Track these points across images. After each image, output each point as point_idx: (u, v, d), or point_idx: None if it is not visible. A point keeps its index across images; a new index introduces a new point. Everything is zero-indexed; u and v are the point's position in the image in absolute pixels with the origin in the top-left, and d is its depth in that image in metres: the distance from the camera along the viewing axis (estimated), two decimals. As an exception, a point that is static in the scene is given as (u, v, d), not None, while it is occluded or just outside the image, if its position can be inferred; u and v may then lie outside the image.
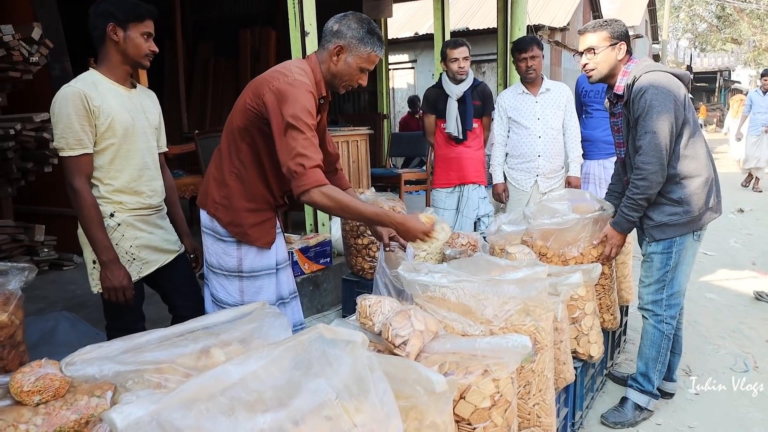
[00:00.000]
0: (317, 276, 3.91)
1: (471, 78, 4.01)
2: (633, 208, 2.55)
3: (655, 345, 2.70)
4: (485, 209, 4.13)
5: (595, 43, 2.58)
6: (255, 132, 2.10)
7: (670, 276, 2.63)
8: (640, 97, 2.45)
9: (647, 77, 2.48)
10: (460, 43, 3.91)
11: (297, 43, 3.89)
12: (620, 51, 2.59)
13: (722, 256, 5.69)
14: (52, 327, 3.00)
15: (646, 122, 2.45)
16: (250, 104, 2.07)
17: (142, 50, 2.19)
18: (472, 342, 1.58)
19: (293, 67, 2.08)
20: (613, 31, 2.58)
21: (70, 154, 2.08)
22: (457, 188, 4.10)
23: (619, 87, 2.60)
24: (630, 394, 2.77)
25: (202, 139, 4.99)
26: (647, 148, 2.45)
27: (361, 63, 2.13)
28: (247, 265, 2.22)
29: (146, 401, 0.93)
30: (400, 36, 13.45)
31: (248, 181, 2.17)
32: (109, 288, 2.15)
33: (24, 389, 1.33)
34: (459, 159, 4.04)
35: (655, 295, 2.67)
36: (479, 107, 4.04)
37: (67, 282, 4.20)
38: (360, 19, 2.12)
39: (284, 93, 1.97)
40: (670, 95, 2.44)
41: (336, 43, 2.10)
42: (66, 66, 4.55)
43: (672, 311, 2.68)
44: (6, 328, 1.74)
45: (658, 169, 2.45)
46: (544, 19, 12.56)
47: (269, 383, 1.04)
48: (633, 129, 2.55)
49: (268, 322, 1.47)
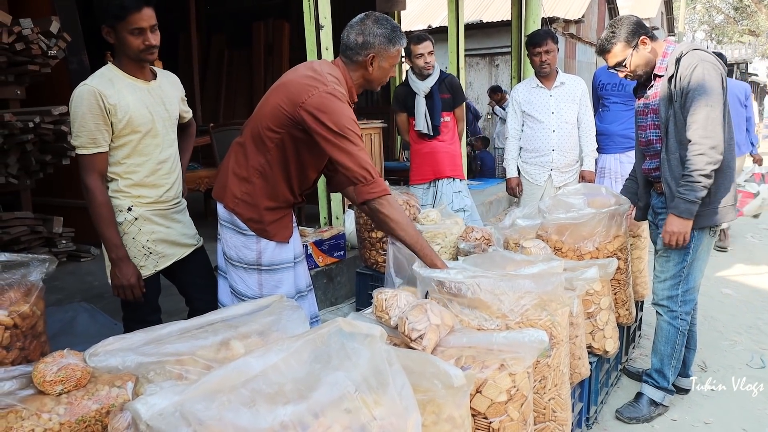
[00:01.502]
0: (331, 269, 3.93)
1: (437, 72, 3.96)
2: (690, 186, 2.38)
3: (670, 341, 2.68)
4: (460, 203, 4.08)
5: (619, 57, 2.56)
6: (285, 135, 2.09)
7: (686, 272, 2.59)
8: (692, 71, 2.38)
9: (696, 54, 2.42)
10: (424, 38, 3.86)
11: (312, 36, 3.89)
12: (645, 45, 2.54)
13: (739, 252, 5.64)
14: (72, 318, 3.04)
15: (700, 97, 2.36)
16: (286, 110, 2.04)
17: (135, 48, 2.10)
18: (488, 336, 1.59)
19: (327, 75, 2.06)
20: (627, 35, 2.53)
21: (85, 153, 2.10)
22: (432, 183, 4.08)
23: (660, 68, 2.54)
24: (645, 389, 2.75)
25: (217, 133, 5.02)
26: (705, 122, 2.34)
27: (392, 61, 2.17)
28: (267, 259, 2.23)
29: (170, 392, 0.94)
30: (413, 28, 13.38)
31: (273, 180, 2.17)
32: (118, 286, 2.18)
33: (47, 379, 1.35)
34: (433, 153, 4.01)
35: (671, 290, 2.64)
36: (449, 100, 3.99)
37: (84, 273, 4.25)
38: (378, 20, 2.12)
39: (326, 105, 1.97)
40: (720, 72, 2.40)
41: (368, 54, 2.11)
42: (83, 59, 4.58)
43: (687, 307, 2.65)
44: (28, 319, 1.76)
45: (718, 143, 2.34)
46: (559, 12, 12.44)
47: (289, 376, 1.05)
48: (677, 106, 2.45)
49: (287, 315, 1.49)
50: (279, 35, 8.77)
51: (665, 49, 2.55)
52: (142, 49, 2.11)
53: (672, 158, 2.50)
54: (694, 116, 2.37)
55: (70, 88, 2.13)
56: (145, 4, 2.06)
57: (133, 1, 2.03)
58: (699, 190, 2.37)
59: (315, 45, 3.88)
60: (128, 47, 2.10)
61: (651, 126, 2.64)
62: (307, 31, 3.91)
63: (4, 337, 1.67)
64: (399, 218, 2.06)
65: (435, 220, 3.24)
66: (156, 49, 2.15)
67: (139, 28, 2.07)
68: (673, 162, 2.50)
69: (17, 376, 1.43)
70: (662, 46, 2.56)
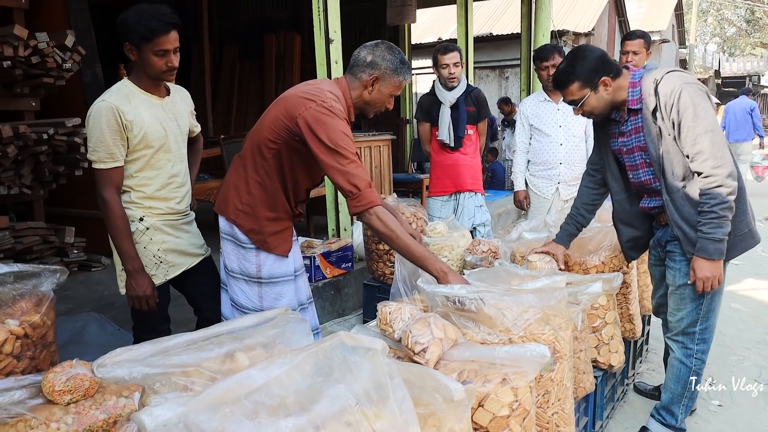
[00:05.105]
0: (339, 280, 3.95)
1: (464, 84, 3.93)
2: (716, 224, 2.13)
3: (681, 380, 2.46)
4: (481, 218, 4.07)
5: (575, 96, 2.32)
6: (283, 145, 2.15)
7: (706, 307, 2.35)
8: (678, 98, 2.14)
9: (673, 77, 2.19)
10: (451, 48, 3.82)
11: (321, 50, 3.94)
12: (607, 87, 2.27)
13: (749, 266, 5.59)
14: (81, 327, 3.08)
15: (697, 122, 2.13)
16: (285, 123, 2.11)
17: (157, 68, 2.15)
18: (491, 350, 1.60)
19: (327, 92, 2.11)
20: (586, 74, 2.25)
21: (102, 167, 2.15)
22: (453, 196, 4.04)
23: (633, 101, 2.29)
24: (651, 425, 2.57)
25: (227, 144, 5.07)
26: (712, 150, 2.12)
27: (392, 90, 2.21)
28: (266, 272, 2.27)
29: (174, 404, 0.97)
30: (423, 41, 13.48)
31: (272, 190, 2.22)
32: (133, 296, 2.22)
33: (56, 389, 1.38)
34: (455, 166, 3.98)
35: (689, 327, 2.40)
36: (474, 113, 3.96)
37: (95, 283, 4.30)
38: (391, 48, 2.19)
39: (320, 119, 2.03)
40: (704, 90, 2.19)
41: (371, 74, 2.16)
42: (97, 72, 4.66)
43: (704, 345, 2.41)
44: (38, 329, 1.80)
45: (732, 170, 2.12)
46: (569, 25, 12.49)
47: (292, 388, 1.07)
48: (670, 140, 2.21)
49: (291, 328, 1.51)
50: (290, 47, 8.88)
51: (631, 79, 2.30)
52: (165, 70, 2.16)
53: (676, 197, 2.27)
54: (697, 146, 2.14)
55: (83, 100, 2.20)
56: (173, 27, 2.11)
57: (163, 24, 2.07)
58: (725, 225, 2.15)
59: (325, 58, 3.93)
60: (151, 67, 2.15)
61: (642, 165, 2.37)
62: (317, 45, 3.96)
63: (14, 347, 1.70)
64: (386, 230, 2.06)
65: (442, 233, 3.25)
66: (176, 70, 2.20)
67: (164, 50, 2.12)
68: (678, 201, 2.26)
69: (27, 385, 1.46)
70: (626, 78, 2.30)
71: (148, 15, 2.07)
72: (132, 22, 2.07)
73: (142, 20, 2.06)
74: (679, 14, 22.98)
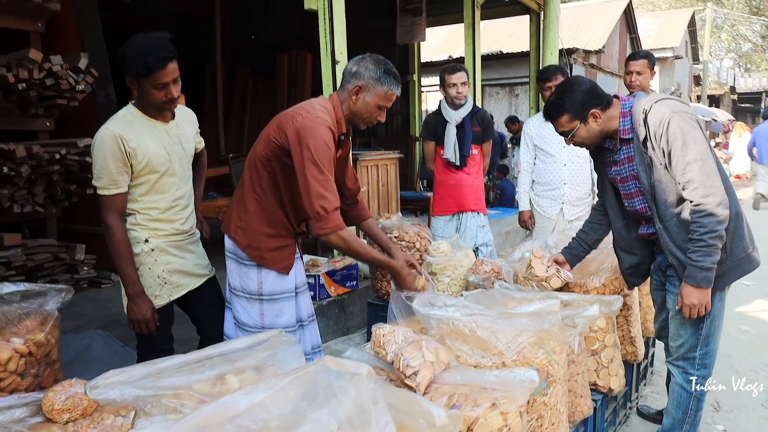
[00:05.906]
0: (343, 299, 3.97)
1: (470, 104, 4.00)
2: (704, 252, 2.14)
3: (682, 407, 2.44)
4: (484, 238, 4.09)
5: (565, 127, 2.36)
6: (276, 162, 2.23)
7: (706, 332, 2.34)
8: (667, 127, 2.16)
9: (662, 106, 2.21)
10: (458, 68, 3.90)
11: (328, 71, 4.00)
12: (596, 119, 2.30)
13: (759, 286, 5.52)
14: (87, 345, 3.12)
15: (686, 151, 2.14)
16: (274, 137, 2.21)
17: (157, 100, 2.18)
18: (481, 374, 1.61)
19: (316, 105, 2.22)
20: (575, 107, 2.29)
21: (106, 193, 2.20)
22: (455, 216, 4.08)
23: (624, 130, 2.31)
24: None
25: (236, 163, 5.15)
26: (702, 179, 2.13)
27: (378, 101, 2.25)
28: (267, 289, 2.31)
29: (159, 427, 1.00)
30: (433, 59, 13.58)
31: (268, 206, 2.28)
32: (133, 320, 2.27)
33: (55, 407, 1.42)
34: (458, 186, 4.02)
35: (689, 352, 2.39)
36: (479, 133, 4.02)
37: (104, 300, 4.36)
38: (376, 60, 2.24)
39: (306, 128, 2.12)
40: (695, 117, 2.20)
41: (355, 84, 2.23)
42: (110, 93, 4.76)
43: (706, 371, 2.39)
44: (42, 347, 1.84)
45: (722, 198, 2.13)
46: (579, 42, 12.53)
47: (275, 412, 1.10)
48: (661, 169, 2.23)
49: (283, 351, 1.54)
50: (302, 66, 8.99)
51: (621, 108, 2.32)
52: (165, 101, 2.20)
53: (669, 225, 2.28)
54: (687, 174, 2.15)
55: (96, 121, 2.26)
56: (169, 61, 2.12)
57: (159, 60, 2.09)
58: (714, 254, 2.15)
59: (331, 79, 3.99)
60: (151, 98, 2.19)
61: (636, 193, 2.38)
62: (324, 66, 4.02)
63: (19, 365, 1.74)
64: (346, 248, 2.24)
65: (446, 252, 3.27)
66: (177, 99, 2.24)
67: (163, 83, 2.14)
68: (672, 230, 2.28)
69: (29, 403, 1.50)
70: (617, 107, 2.32)
71: (143, 50, 2.08)
72: (129, 57, 2.11)
73: (138, 56, 2.09)
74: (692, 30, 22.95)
